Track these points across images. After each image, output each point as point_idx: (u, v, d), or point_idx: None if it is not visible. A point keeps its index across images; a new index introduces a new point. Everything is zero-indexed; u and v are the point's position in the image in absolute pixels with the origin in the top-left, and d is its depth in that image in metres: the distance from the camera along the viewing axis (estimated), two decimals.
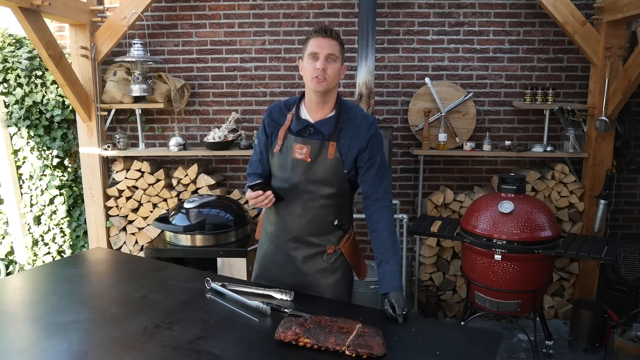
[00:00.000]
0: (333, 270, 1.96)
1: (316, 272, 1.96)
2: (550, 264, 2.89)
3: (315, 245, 1.94)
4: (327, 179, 1.86)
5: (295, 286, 1.96)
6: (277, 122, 1.93)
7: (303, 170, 1.86)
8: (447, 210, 3.65)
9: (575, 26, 3.36)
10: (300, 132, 1.88)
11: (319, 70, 1.76)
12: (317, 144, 1.84)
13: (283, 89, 3.81)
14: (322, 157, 1.84)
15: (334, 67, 1.79)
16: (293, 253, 1.96)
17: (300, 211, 1.90)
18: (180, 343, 1.50)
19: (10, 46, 3.68)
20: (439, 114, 3.59)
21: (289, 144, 1.88)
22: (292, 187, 1.89)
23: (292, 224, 1.93)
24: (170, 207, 3.60)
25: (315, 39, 1.79)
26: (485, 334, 1.70)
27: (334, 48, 1.78)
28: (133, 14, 3.47)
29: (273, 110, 1.97)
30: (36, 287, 2.01)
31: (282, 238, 1.97)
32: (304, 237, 1.94)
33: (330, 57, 1.77)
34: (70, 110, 3.77)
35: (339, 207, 1.94)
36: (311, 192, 1.88)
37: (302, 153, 1.85)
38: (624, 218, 3.91)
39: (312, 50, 1.78)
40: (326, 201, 1.89)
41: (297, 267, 1.97)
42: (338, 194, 1.90)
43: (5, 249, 3.95)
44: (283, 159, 1.89)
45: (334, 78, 1.81)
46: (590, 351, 3.19)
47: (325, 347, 1.44)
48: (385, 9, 3.67)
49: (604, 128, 3.38)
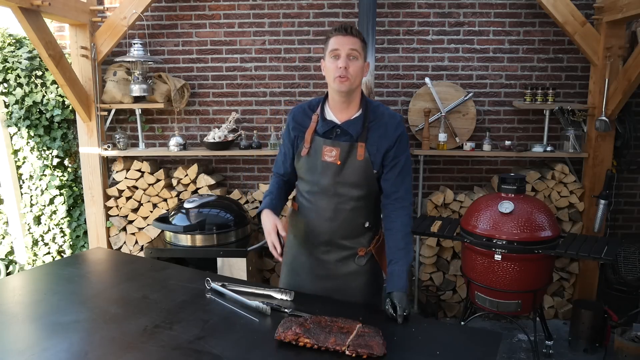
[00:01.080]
0: (364, 273, 1.94)
1: (347, 275, 1.93)
2: (550, 264, 2.89)
3: (347, 248, 1.92)
4: (357, 180, 1.83)
5: (323, 290, 1.93)
6: (302, 125, 1.90)
7: (333, 173, 1.83)
8: (447, 210, 3.65)
9: (575, 26, 3.36)
10: (327, 134, 1.85)
11: (341, 69, 1.73)
12: (346, 145, 1.81)
13: (283, 89, 3.81)
14: (352, 159, 1.81)
15: (356, 65, 1.76)
16: (324, 257, 1.93)
17: (331, 214, 1.87)
18: (180, 343, 1.50)
19: (10, 46, 3.68)
20: (439, 114, 3.59)
21: (317, 147, 1.85)
22: (322, 190, 1.86)
23: (323, 228, 1.90)
24: (170, 207, 3.60)
25: (335, 37, 1.76)
26: (485, 334, 1.69)
27: (356, 45, 1.75)
28: (133, 14, 3.47)
29: (296, 113, 1.94)
30: (36, 287, 2.01)
31: (312, 242, 1.94)
32: (335, 241, 1.91)
33: (352, 55, 1.75)
34: (70, 110, 3.77)
35: (369, 209, 1.91)
36: (342, 195, 1.85)
37: (331, 156, 1.82)
38: (624, 218, 3.91)
39: (333, 48, 1.75)
40: (356, 203, 1.86)
41: (327, 271, 1.94)
42: (368, 196, 1.87)
43: (5, 249, 3.95)
44: (311, 162, 1.86)
45: (357, 76, 1.77)
46: (590, 351, 3.20)
47: (325, 347, 1.44)
48: (385, 9, 3.67)
49: (604, 128, 3.38)
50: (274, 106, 3.84)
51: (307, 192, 1.92)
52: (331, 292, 1.93)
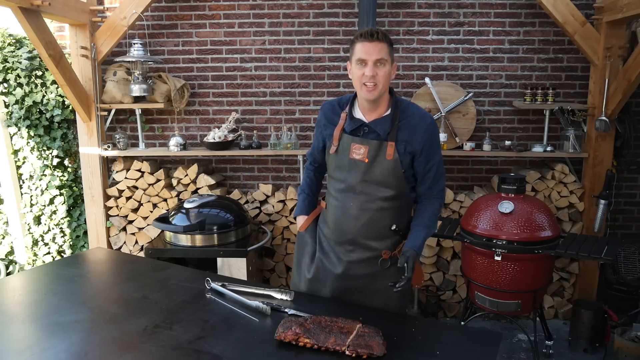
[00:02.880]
0: (388, 276, 1.88)
1: (367, 275, 1.91)
2: (550, 264, 2.89)
3: (371, 249, 1.89)
4: (385, 180, 1.82)
5: (339, 289, 1.92)
6: (331, 122, 1.90)
7: (360, 171, 1.82)
8: (447, 210, 3.65)
9: (575, 26, 3.36)
10: (355, 132, 1.84)
11: (368, 77, 1.71)
12: (376, 144, 1.80)
13: (283, 89, 3.81)
14: (381, 157, 1.80)
15: (384, 71, 1.73)
16: (346, 256, 1.91)
17: (357, 213, 1.86)
18: (180, 343, 1.50)
19: (10, 46, 3.68)
20: (439, 114, 3.59)
21: (345, 144, 1.84)
22: (349, 188, 1.85)
23: (348, 226, 1.88)
24: (170, 207, 3.60)
25: (361, 43, 1.72)
26: (485, 334, 1.70)
27: (383, 51, 1.71)
28: (133, 14, 3.47)
29: (327, 109, 1.94)
30: (36, 287, 2.01)
31: (337, 240, 1.93)
32: (359, 240, 1.89)
33: (379, 62, 1.72)
34: (70, 110, 3.77)
35: (397, 211, 1.88)
36: (368, 194, 1.83)
37: (359, 153, 1.81)
38: (624, 218, 3.90)
39: (360, 57, 1.72)
40: (384, 204, 1.84)
41: (347, 269, 1.91)
42: (396, 197, 1.85)
43: (5, 249, 3.95)
44: (339, 159, 1.86)
45: (385, 83, 1.75)
46: (590, 351, 3.19)
47: (325, 347, 1.44)
48: (385, 9, 3.67)
49: (604, 128, 3.38)
50: (274, 106, 3.84)
51: (335, 191, 1.92)
52: (347, 292, 1.92)
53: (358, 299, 1.91)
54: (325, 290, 1.95)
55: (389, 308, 1.90)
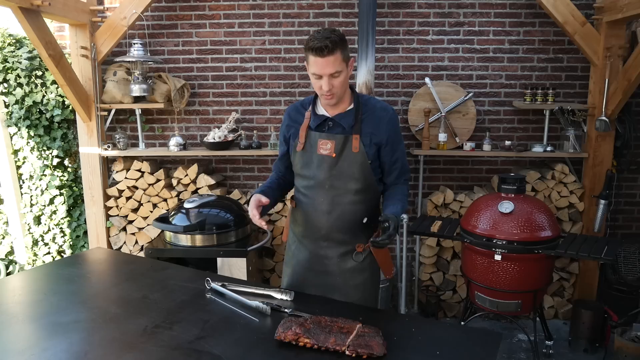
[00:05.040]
0: (362, 270, 1.95)
1: (346, 272, 1.94)
2: (550, 264, 2.89)
3: (345, 243, 1.93)
4: (353, 173, 1.85)
5: (323, 287, 1.94)
6: (296, 122, 1.93)
7: (328, 166, 1.85)
8: (447, 210, 3.65)
9: (575, 26, 3.36)
10: (320, 127, 1.87)
11: (325, 90, 1.75)
12: (341, 138, 1.83)
13: (283, 89, 3.81)
14: (347, 151, 1.83)
15: (340, 80, 1.75)
16: (322, 252, 1.95)
17: (328, 207, 1.88)
18: (180, 343, 1.50)
19: (10, 46, 3.68)
20: (439, 114, 3.59)
21: (312, 141, 1.87)
22: (318, 184, 1.88)
23: (320, 222, 1.91)
24: (170, 207, 3.60)
25: (314, 58, 1.70)
26: (485, 334, 1.69)
27: (336, 62, 1.70)
28: (133, 14, 3.47)
29: (291, 111, 1.97)
30: (36, 287, 2.01)
31: (311, 237, 1.96)
32: (333, 235, 1.92)
33: (334, 75, 1.73)
34: (70, 110, 3.77)
35: (368, 205, 1.92)
36: (338, 188, 1.86)
37: (326, 149, 1.84)
38: (624, 218, 3.91)
39: (314, 72, 1.74)
40: (354, 197, 1.87)
41: (326, 267, 1.95)
42: (365, 189, 1.88)
43: (5, 249, 3.95)
44: (307, 156, 1.88)
45: (343, 88, 1.79)
46: (590, 351, 3.20)
47: (325, 347, 1.44)
48: (385, 9, 3.67)
49: (604, 128, 3.38)
50: (274, 106, 3.84)
51: (303, 188, 1.94)
52: (331, 290, 1.94)
53: (338, 295, 1.93)
54: (309, 290, 1.97)
55: (368, 303, 1.95)
